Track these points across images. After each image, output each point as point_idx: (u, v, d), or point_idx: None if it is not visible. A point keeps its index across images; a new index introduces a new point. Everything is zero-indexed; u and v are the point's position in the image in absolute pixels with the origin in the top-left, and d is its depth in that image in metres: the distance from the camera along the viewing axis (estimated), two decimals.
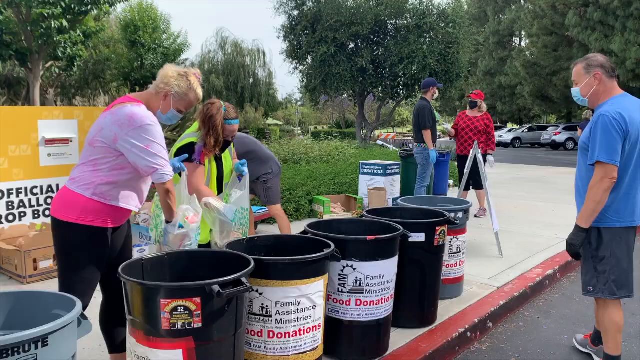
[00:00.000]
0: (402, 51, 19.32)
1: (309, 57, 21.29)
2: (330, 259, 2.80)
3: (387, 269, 3.11)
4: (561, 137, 29.31)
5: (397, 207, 4.23)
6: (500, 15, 41.77)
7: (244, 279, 2.29)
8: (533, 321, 4.13)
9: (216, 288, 2.16)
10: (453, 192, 9.34)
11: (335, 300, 3.11)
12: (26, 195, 5.18)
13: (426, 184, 7.18)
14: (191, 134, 3.30)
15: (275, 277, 2.61)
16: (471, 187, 7.36)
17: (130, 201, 2.63)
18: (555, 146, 29.42)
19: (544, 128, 33.61)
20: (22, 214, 5.16)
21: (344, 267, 3.03)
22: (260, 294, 2.63)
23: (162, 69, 2.72)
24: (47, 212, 5.33)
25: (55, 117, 5.41)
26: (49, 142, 5.32)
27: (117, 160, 2.53)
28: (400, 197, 7.99)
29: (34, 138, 5.23)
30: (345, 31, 19.46)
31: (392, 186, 7.74)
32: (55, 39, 15.96)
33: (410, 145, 15.66)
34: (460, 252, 4.18)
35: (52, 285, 4.45)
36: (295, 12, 20.91)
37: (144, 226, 5.41)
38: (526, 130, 34.86)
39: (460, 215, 4.11)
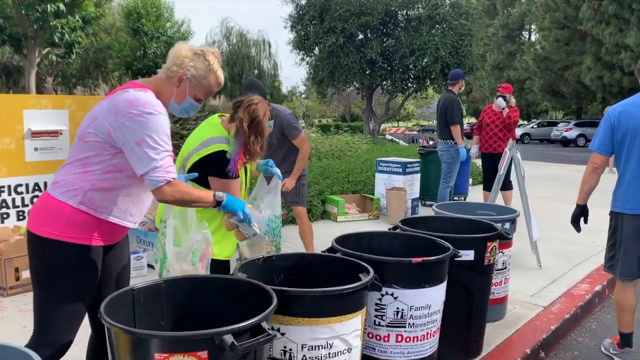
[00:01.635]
0: (414, 43, 18.67)
1: (317, 48, 20.64)
2: (369, 289, 2.23)
3: (435, 297, 2.55)
4: (572, 134, 28.53)
5: (433, 216, 3.65)
6: (510, 9, 41.03)
7: (264, 324, 1.73)
8: (589, 349, 3.56)
9: (229, 339, 1.61)
10: (474, 192, 8.74)
11: (370, 335, 2.54)
12: (9, 194, 4.61)
13: (451, 184, 6.61)
14: (220, 139, 2.56)
15: (302, 314, 2.04)
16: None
17: (126, 215, 2.09)
18: (565, 143, 28.63)
19: (554, 124, 32.86)
20: (5, 216, 4.60)
21: (382, 296, 2.47)
22: (283, 334, 2.07)
23: (174, 49, 2.15)
24: None
25: (43, 106, 4.83)
26: (36, 134, 4.73)
27: (112, 159, 1.99)
28: (419, 197, 7.43)
29: (19, 130, 4.65)
30: (354, 21, 18.80)
31: (411, 186, 7.16)
32: (51, 23, 15.27)
33: (420, 140, 15.10)
34: (505, 268, 3.61)
35: None
36: (303, 1, 20.24)
37: (142, 230, 4.86)
38: (536, 126, 34.16)
39: (507, 225, 3.54)
